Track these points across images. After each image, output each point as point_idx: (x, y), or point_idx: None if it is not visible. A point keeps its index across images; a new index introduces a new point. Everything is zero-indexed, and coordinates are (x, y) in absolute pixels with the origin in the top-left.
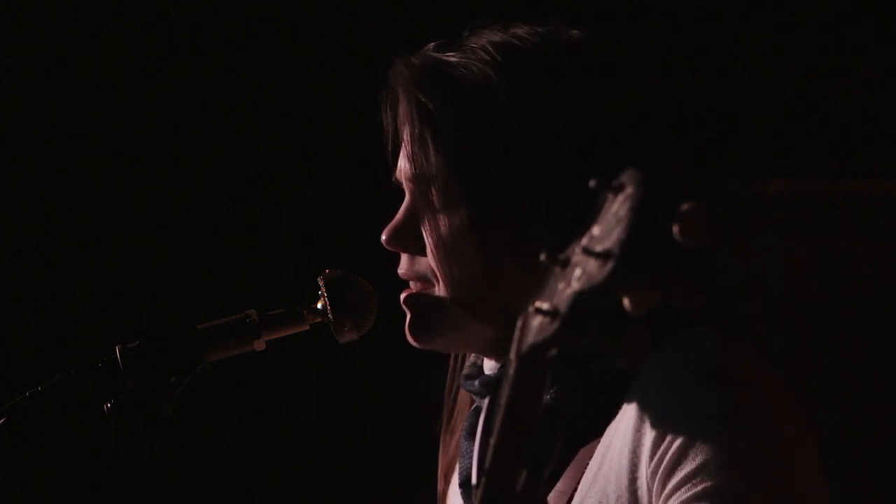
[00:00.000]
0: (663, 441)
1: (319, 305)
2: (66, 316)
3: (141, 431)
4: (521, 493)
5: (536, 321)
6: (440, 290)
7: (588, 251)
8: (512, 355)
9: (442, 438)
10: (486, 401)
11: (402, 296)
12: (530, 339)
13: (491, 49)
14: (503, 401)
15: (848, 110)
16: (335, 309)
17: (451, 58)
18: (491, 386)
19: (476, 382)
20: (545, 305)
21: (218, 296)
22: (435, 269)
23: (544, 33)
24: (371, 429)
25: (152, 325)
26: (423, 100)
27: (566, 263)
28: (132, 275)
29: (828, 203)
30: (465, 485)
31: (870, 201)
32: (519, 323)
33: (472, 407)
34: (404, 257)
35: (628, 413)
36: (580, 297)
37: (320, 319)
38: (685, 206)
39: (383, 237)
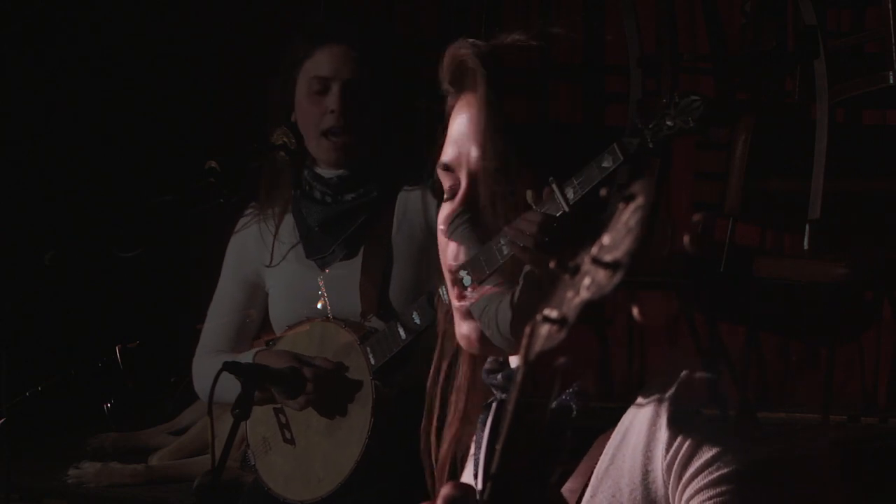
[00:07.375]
0: (679, 435)
1: (319, 305)
2: (66, 316)
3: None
4: (527, 499)
5: (545, 329)
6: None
7: (597, 261)
8: (520, 362)
9: (428, 436)
10: (494, 405)
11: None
12: (538, 346)
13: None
14: (510, 406)
15: None
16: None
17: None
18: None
19: (499, 376)
20: (553, 314)
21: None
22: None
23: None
24: None
25: (152, 325)
26: (496, 84)
27: (575, 272)
28: (132, 275)
29: None
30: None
31: None
32: (527, 330)
33: (490, 399)
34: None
35: (645, 407)
36: (588, 307)
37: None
38: (696, 217)
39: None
